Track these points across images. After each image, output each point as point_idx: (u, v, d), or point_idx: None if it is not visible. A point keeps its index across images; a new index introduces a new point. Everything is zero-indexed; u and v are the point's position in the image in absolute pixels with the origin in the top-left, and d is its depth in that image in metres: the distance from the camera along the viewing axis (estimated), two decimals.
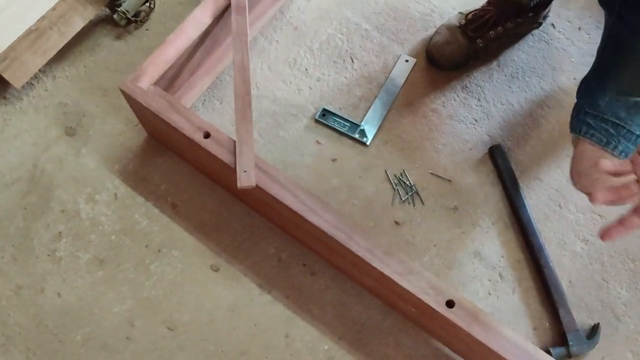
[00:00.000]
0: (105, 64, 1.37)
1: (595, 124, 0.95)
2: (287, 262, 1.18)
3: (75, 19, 1.31)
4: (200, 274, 1.17)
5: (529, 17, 1.28)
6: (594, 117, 0.95)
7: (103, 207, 1.23)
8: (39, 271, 1.18)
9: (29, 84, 1.34)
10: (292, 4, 1.43)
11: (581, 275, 1.17)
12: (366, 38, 1.40)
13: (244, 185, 1.01)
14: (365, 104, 1.32)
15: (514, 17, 1.27)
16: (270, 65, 1.37)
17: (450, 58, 1.31)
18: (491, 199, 1.24)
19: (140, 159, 1.27)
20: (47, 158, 1.27)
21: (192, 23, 1.16)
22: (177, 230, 1.21)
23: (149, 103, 1.09)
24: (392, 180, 1.25)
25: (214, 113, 1.32)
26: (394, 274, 0.97)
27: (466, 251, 1.19)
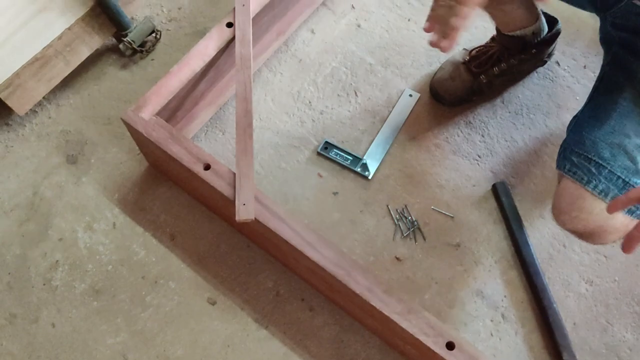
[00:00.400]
0: (110, 93, 1.37)
1: (579, 162, 0.95)
2: (285, 297, 1.16)
3: (81, 48, 1.32)
4: (197, 306, 1.15)
5: (532, 54, 1.28)
6: (578, 155, 0.95)
7: (101, 237, 1.22)
8: (34, 300, 1.16)
9: (32, 111, 1.34)
10: (297, 37, 1.44)
11: (585, 317, 1.15)
12: (370, 72, 1.40)
13: (243, 219, 1.00)
14: (368, 138, 1.32)
15: (518, 53, 1.27)
16: (274, 97, 1.37)
17: (454, 93, 1.31)
18: (494, 236, 1.22)
19: (140, 188, 1.27)
20: (47, 186, 1.27)
21: (197, 55, 1.16)
22: (175, 262, 1.19)
23: (149, 133, 1.09)
24: (393, 215, 1.24)
25: (216, 144, 1.31)
26: (393, 313, 0.95)
27: (468, 290, 1.17)
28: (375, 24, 1.46)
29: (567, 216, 0.95)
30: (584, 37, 1.44)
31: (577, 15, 1.45)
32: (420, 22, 1.46)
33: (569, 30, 1.43)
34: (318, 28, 1.45)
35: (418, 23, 1.46)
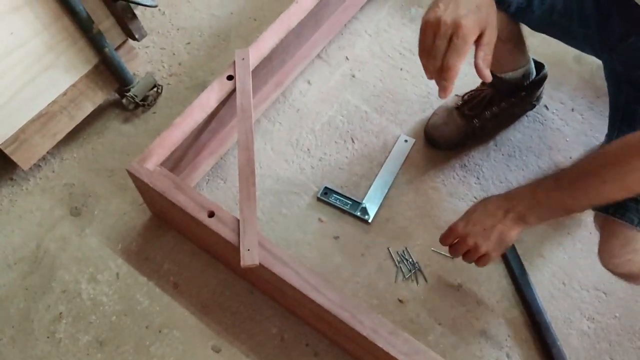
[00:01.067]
0: (113, 146, 1.40)
1: (625, 204, 0.93)
2: (290, 342, 1.16)
3: (85, 104, 1.36)
4: (201, 355, 1.15)
5: (522, 96, 1.33)
6: None
7: (105, 287, 1.22)
8: (37, 353, 1.15)
9: (36, 166, 1.37)
10: (294, 88, 1.49)
11: (589, 355, 1.15)
12: (366, 119, 1.44)
13: (248, 264, 1.01)
14: (366, 183, 1.35)
15: (509, 96, 1.32)
16: (273, 146, 1.40)
17: (448, 138, 1.35)
18: (494, 276, 1.23)
19: (143, 238, 1.28)
20: (51, 238, 1.28)
21: (199, 106, 1.20)
22: (179, 310, 1.20)
23: (154, 183, 1.11)
24: (394, 258, 1.25)
25: (218, 192, 1.34)
26: (400, 354, 0.95)
27: (472, 330, 1.18)
28: (369, 74, 1.51)
29: (621, 259, 0.94)
30: (570, 81, 1.49)
31: (562, 62, 1.52)
32: (412, 70, 1.52)
33: (555, 76, 1.48)
34: (314, 79, 1.51)
35: (410, 72, 1.51)
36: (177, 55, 1.56)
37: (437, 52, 0.86)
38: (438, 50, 0.86)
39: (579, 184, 0.89)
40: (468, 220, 1.00)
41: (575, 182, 0.90)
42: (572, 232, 1.28)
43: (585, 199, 0.90)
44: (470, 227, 0.99)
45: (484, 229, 0.97)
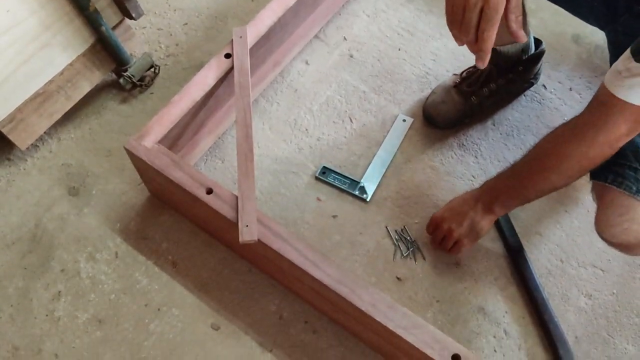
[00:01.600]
0: (110, 126, 1.40)
1: (623, 172, 0.96)
2: (289, 320, 1.17)
3: (82, 83, 1.35)
4: (200, 332, 1.15)
5: (520, 72, 1.32)
6: (621, 165, 0.96)
7: (103, 266, 1.22)
8: (36, 332, 1.16)
9: (33, 146, 1.36)
10: (292, 68, 1.48)
11: (587, 331, 1.16)
12: (364, 99, 1.44)
13: (246, 240, 1.01)
14: (364, 162, 1.35)
15: (506, 72, 1.32)
16: (271, 126, 1.40)
17: (446, 116, 1.35)
18: (492, 254, 1.24)
19: (142, 217, 1.28)
20: (49, 218, 1.28)
21: (197, 84, 1.19)
22: (178, 289, 1.20)
23: (152, 161, 1.11)
24: (393, 236, 1.26)
25: (216, 172, 1.33)
26: (398, 328, 0.95)
27: (469, 307, 1.18)
28: (367, 54, 1.51)
29: (618, 228, 0.95)
30: (568, 61, 1.49)
31: (560, 42, 1.51)
32: (410, 51, 1.51)
33: (553, 55, 1.48)
34: (312, 59, 1.50)
35: (408, 52, 1.51)
36: (175, 36, 1.55)
37: (469, 24, 0.87)
38: (470, 22, 0.87)
39: (527, 173, 1.01)
40: (446, 208, 1.15)
41: (524, 171, 1.01)
42: (569, 210, 1.28)
43: (534, 188, 1.01)
44: (447, 213, 1.13)
45: (458, 215, 1.11)
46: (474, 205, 1.10)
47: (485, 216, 1.09)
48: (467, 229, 1.11)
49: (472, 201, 1.10)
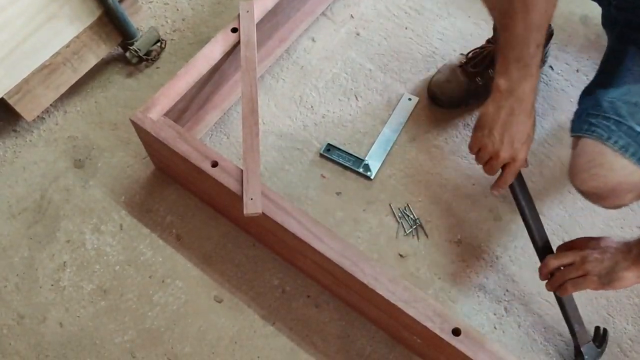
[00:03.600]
0: (116, 99, 1.40)
1: (597, 122, 0.95)
2: (291, 294, 1.18)
3: (89, 56, 1.35)
4: (204, 304, 1.17)
5: None
6: (595, 116, 0.96)
7: (108, 238, 1.23)
8: (41, 301, 1.17)
9: (40, 118, 1.37)
10: (298, 45, 1.48)
11: (587, 310, 1.16)
12: (370, 77, 1.44)
13: (251, 212, 1.02)
14: (369, 140, 1.35)
15: None
16: (277, 102, 1.40)
17: (451, 96, 1.35)
18: (495, 233, 1.24)
19: (146, 191, 1.29)
20: (54, 189, 1.29)
21: (203, 58, 1.20)
22: (182, 261, 1.21)
23: (158, 133, 1.12)
24: (396, 214, 1.26)
25: (221, 147, 1.34)
26: (400, 301, 0.96)
27: (470, 284, 1.19)
28: (374, 32, 1.50)
29: (587, 174, 0.95)
30: (576, 42, 1.48)
31: (568, 23, 1.50)
32: (417, 30, 1.51)
33: (561, 37, 1.48)
34: (319, 36, 1.50)
35: (415, 31, 1.50)
36: (181, 11, 1.54)
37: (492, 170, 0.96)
38: (494, 169, 0.95)
39: None
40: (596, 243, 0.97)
41: None
42: (572, 190, 1.28)
43: None
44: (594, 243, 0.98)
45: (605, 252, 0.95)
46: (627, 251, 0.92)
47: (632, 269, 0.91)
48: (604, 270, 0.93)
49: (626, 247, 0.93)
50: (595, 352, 1.09)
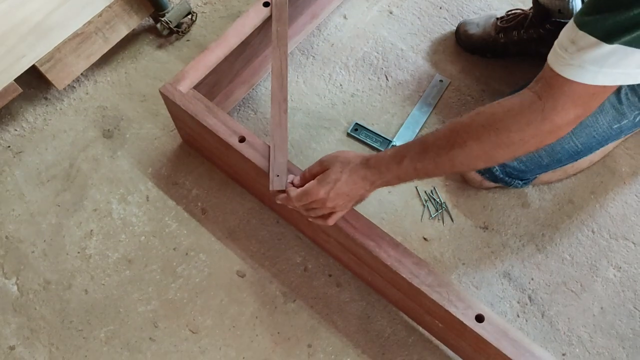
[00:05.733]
0: (146, 71, 1.40)
1: None
2: (313, 272, 1.18)
3: (120, 26, 1.35)
4: (226, 279, 1.17)
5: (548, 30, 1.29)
6: None
7: (134, 209, 1.24)
8: (68, 267, 1.19)
9: (70, 87, 1.37)
10: (330, 22, 1.46)
11: (613, 302, 1.15)
12: (401, 57, 1.41)
13: (277, 189, 1.02)
14: (397, 121, 1.33)
15: (539, 25, 1.29)
16: (305, 80, 1.39)
17: (470, 38, 1.38)
18: (522, 220, 1.22)
19: (173, 163, 1.29)
20: (83, 158, 1.30)
21: (234, 32, 1.18)
22: (206, 235, 1.22)
23: (186, 106, 1.11)
24: (422, 197, 1.25)
25: (248, 123, 1.33)
26: (423, 285, 0.96)
27: (495, 271, 1.18)
28: (407, 11, 1.48)
29: None
30: None
31: None
32: (451, 9, 1.47)
33: None
34: (351, 14, 1.47)
35: (449, 10, 1.47)
36: None
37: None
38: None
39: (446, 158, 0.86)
40: (330, 188, 0.93)
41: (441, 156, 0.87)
42: (605, 180, 1.25)
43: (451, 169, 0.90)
44: (333, 194, 0.93)
45: (347, 196, 0.94)
46: (369, 187, 0.94)
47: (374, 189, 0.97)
48: (352, 204, 0.98)
49: (368, 184, 0.94)
50: None
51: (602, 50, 0.70)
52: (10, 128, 1.33)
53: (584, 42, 0.71)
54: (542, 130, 0.79)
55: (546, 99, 0.77)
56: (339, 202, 0.94)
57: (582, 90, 0.75)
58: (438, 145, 0.87)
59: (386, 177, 0.92)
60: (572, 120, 0.78)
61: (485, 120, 0.83)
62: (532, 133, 0.79)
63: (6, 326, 1.14)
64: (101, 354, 1.11)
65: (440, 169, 0.89)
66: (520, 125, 0.79)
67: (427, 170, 0.89)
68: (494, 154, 0.84)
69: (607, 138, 1.12)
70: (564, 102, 0.76)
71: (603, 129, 1.09)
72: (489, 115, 0.83)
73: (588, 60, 0.71)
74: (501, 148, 0.82)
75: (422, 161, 0.88)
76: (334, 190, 0.93)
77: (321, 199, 0.93)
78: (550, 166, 1.15)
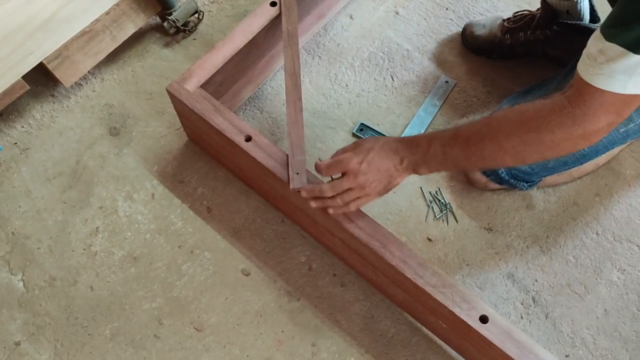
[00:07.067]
0: (152, 69, 1.41)
1: None
2: (318, 272, 1.18)
3: (127, 25, 1.36)
4: (231, 277, 1.18)
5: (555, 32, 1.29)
6: None
7: (140, 206, 1.25)
8: (73, 264, 1.20)
9: (77, 84, 1.38)
10: (336, 22, 1.46)
11: (616, 305, 1.15)
12: (407, 58, 1.42)
13: (296, 187, 1.02)
14: (403, 122, 1.34)
15: (545, 26, 1.29)
16: (311, 79, 1.39)
17: (477, 39, 1.38)
18: (527, 222, 1.22)
19: (179, 161, 1.30)
20: (89, 155, 1.30)
21: (241, 31, 1.19)
22: (211, 233, 1.22)
23: (193, 104, 1.12)
24: (426, 198, 1.25)
25: (254, 122, 1.34)
26: (428, 285, 0.96)
27: (499, 272, 1.18)
28: (414, 12, 1.48)
29: None
30: None
31: None
32: (458, 10, 1.48)
33: None
34: (357, 14, 1.48)
35: (456, 12, 1.47)
36: None
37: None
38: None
39: (477, 149, 0.89)
40: (364, 157, 0.94)
41: (473, 146, 0.89)
42: (610, 183, 1.26)
43: (478, 165, 0.95)
44: (365, 165, 0.94)
45: (378, 171, 0.95)
46: (398, 163, 0.95)
47: (404, 174, 0.97)
48: (383, 186, 0.97)
49: (398, 158, 0.95)
50: None
51: (631, 60, 0.72)
52: (17, 125, 1.34)
53: (612, 53, 0.73)
54: (573, 134, 0.81)
55: (577, 105, 0.80)
56: (370, 179, 0.95)
57: (613, 99, 0.77)
58: (469, 134, 0.89)
59: (415, 155, 0.94)
60: (604, 127, 0.81)
61: (516, 116, 0.86)
62: (562, 136, 0.82)
63: (12, 322, 1.15)
64: (106, 351, 1.12)
65: (468, 158, 0.91)
66: (550, 126, 0.82)
67: (455, 158, 0.91)
68: (522, 151, 0.86)
69: (614, 142, 1.12)
70: (594, 110, 0.79)
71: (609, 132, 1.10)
72: (521, 113, 0.86)
73: (617, 70, 0.74)
74: (529, 146, 0.85)
75: (452, 147, 0.91)
76: (366, 160, 0.94)
77: (353, 169, 0.94)
78: (556, 169, 1.16)
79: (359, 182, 0.95)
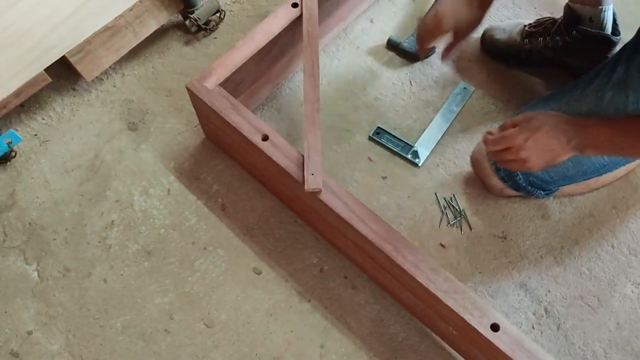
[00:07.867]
0: (173, 66, 1.42)
1: None
2: (329, 273, 1.18)
3: (150, 21, 1.37)
4: (243, 275, 1.18)
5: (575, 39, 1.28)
6: None
7: (156, 201, 1.26)
8: (88, 256, 1.21)
9: (98, 79, 1.40)
10: (356, 25, 1.47)
11: (629, 319, 1.13)
12: (426, 63, 1.41)
13: (312, 188, 1.02)
14: (420, 127, 1.33)
15: (566, 32, 1.29)
16: (330, 81, 1.39)
17: (495, 43, 1.39)
18: (541, 232, 1.21)
19: (195, 159, 1.31)
20: (108, 149, 1.32)
21: (262, 32, 1.20)
22: (224, 231, 1.23)
23: (212, 102, 1.13)
24: (441, 203, 1.25)
25: (271, 122, 1.34)
26: (439, 291, 0.96)
27: (512, 281, 1.17)
28: None
29: None
30: None
31: None
32: None
33: None
34: (377, 18, 1.48)
35: None
36: None
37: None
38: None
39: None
40: (531, 135, 0.97)
41: None
42: (626, 196, 1.24)
43: None
44: (531, 142, 0.96)
45: (543, 150, 0.96)
46: (565, 143, 0.96)
47: (570, 153, 0.97)
48: (545, 162, 0.98)
49: (565, 139, 0.96)
50: None
51: None
52: (38, 117, 1.36)
53: None
54: None
55: None
56: (533, 155, 0.97)
57: None
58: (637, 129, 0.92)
59: (582, 137, 0.95)
60: None
61: None
62: None
63: (25, 311, 1.16)
64: (117, 343, 1.13)
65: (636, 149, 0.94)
66: None
67: (623, 147, 0.94)
68: None
69: None
70: None
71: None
72: None
73: None
74: None
75: (624, 137, 0.93)
76: (532, 138, 0.96)
77: (517, 145, 0.97)
78: (575, 178, 1.15)
79: (520, 157, 0.97)
